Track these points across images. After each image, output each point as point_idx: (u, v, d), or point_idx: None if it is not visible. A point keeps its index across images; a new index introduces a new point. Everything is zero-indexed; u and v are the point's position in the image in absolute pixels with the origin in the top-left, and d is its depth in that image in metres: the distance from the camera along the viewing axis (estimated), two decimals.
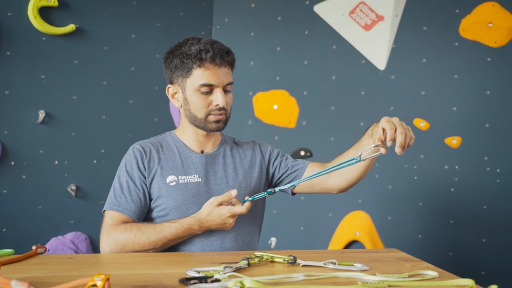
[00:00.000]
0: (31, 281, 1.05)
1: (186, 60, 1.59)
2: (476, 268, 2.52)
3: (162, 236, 1.51)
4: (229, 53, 1.61)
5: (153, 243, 1.50)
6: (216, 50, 1.57)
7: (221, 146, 1.74)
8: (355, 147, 1.64)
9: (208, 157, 1.69)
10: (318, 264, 1.28)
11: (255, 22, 2.82)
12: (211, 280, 1.09)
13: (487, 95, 2.53)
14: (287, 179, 1.78)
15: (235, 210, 1.47)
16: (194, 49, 1.58)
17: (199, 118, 1.63)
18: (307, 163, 1.78)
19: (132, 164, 1.63)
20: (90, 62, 2.57)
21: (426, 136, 2.60)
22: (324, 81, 2.74)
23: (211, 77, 1.58)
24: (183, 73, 1.61)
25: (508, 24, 2.47)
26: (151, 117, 2.73)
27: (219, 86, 1.59)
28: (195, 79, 1.59)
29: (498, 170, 2.52)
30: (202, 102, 1.60)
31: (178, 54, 1.62)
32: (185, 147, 1.69)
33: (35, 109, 2.45)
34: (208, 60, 1.57)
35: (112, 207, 1.60)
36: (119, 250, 1.51)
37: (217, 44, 1.60)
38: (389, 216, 2.65)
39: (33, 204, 2.47)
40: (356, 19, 2.67)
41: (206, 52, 1.57)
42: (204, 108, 1.61)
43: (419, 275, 1.22)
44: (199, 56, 1.57)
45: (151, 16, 2.72)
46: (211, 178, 1.66)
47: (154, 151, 1.66)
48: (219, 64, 1.58)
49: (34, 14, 2.39)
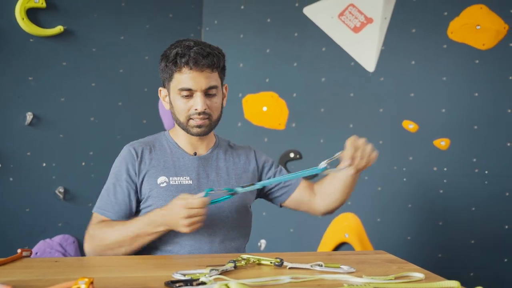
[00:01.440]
0: (15, 284, 1.04)
1: (168, 64, 1.59)
2: (464, 269, 2.53)
3: (130, 231, 1.49)
4: (207, 57, 1.56)
5: (124, 237, 1.49)
6: (192, 54, 1.54)
7: (215, 149, 1.72)
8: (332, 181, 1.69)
9: (201, 159, 1.68)
10: (305, 266, 1.28)
11: (245, 24, 2.81)
12: (196, 283, 1.09)
13: (475, 97, 2.54)
14: (278, 192, 1.78)
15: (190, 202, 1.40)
16: (173, 53, 1.57)
17: (181, 121, 1.62)
18: (299, 180, 1.79)
19: (121, 166, 1.64)
20: (79, 63, 2.56)
21: (415, 138, 2.60)
22: (313, 83, 2.74)
23: (189, 81, 1.56)
24: (167, 76, 1.62)
25: (496, 27, 2.48)
26: (140, 119, 2.72)
27: (197, 90, 1.57)
28: (175, 83, 1.59)
29: (487, 171, 2.53)
30: (182, 106, 1.59)
31: (164, 58, 1.62)
32: (178, 148, 1.68)
33: (23, 111, 2.44)
34: (183, 65, 1.55)
35: (97, 210, 1.62)
36: (97, 248, 1.53)
37: (196, 48, 1.56)
38: (378, 218, 2.66)
39: (21, 206, 2.45)
40: (345, 21, 2.68)
41: (182, 56, 1.55)
42: (185, 112, 1.60)
43: (405, 277, 1.22)
44: (175, 61, 1.57)
45: (140, 18, 2.71)
46: (202, 180, 1.65)
47: (147, 151, 1.65)
48: (195, 69, 1.55)
49: (21, 15, 2.37)
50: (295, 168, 2.74)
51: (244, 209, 1.72)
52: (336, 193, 1.68)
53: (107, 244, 1.51)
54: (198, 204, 1.40)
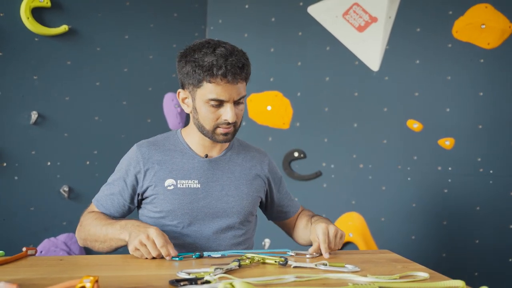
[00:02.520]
0: (20, 283, 1.04)
1: (197, 70, 1.50)
2: (469, 269, 2.53)
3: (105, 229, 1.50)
4: (243, 68, 1.51)
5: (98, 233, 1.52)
6: (229, 67, 1.47)
7: (228, 151, 1.69)
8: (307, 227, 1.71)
9: (212, 162, 1.64)
10: (310, 265, 1.28)
11: (249, 23, 2.81)
12: (201, 282, 1.09)
13: (480, 97, 2.53)
14: (274, 214, 1.83)
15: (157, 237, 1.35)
16: (207, 62, 1.48)
17: (207, 129, 1.57)
18: (297, 209, 1.85)
19: (125, 166, 1.64)
20: (83, 63, 2.56)
21: (419, 138, 2.60)
22: (317, 83, 2.74)
23: (222, 92, 1.50)
24: (194, 82, 1.53)
25: (501, 26, 2.47)
26: (144, 118, 2.72)
27: (229, 101, 1.52)
28: (205, 92, 1.51)
29: (491, 171, 2.52)
30: (211, 115, 1.54)
31: (191, 61, 1.52)
32: (189, 149, 1.65)
33: (28, 110, 2.44)
34: (219, 77, 1.48)
35: (94, 201, 1.68)
36: (81, 235, 1.59)
37: (231, 59, 1.49)
38: (383, 218, 2.65)
39: (26, 205, 2.46)
40: (349, 21, 2.68)
41: (218, 68, 1.47)
42: (213, 121, 1.55)
43: (410, 276, 1.22)
44: (210, 72, 1.48)
45: (145, 17, 2.71)
46: (212, 184, 1.62)
47: (156, 151, 1.63)
48: (231, 81, 1.49)
49: (26, 14, 2.38)
50: (299, 168, 2.74)
51: (255, 217, 1.75)
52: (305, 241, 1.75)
53: (86, 235, 1.56)
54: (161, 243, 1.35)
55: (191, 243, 1.58)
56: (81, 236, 1.59)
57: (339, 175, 2.71)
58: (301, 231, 1.74)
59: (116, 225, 1.48)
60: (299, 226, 1.76)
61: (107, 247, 1.51)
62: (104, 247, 1.52)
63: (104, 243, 1.51)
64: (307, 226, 1.68)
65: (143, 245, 1.35)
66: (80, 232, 1.60)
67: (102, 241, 1.51)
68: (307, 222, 1.70)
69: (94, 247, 1.55)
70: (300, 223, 1.76)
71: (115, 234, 1.46)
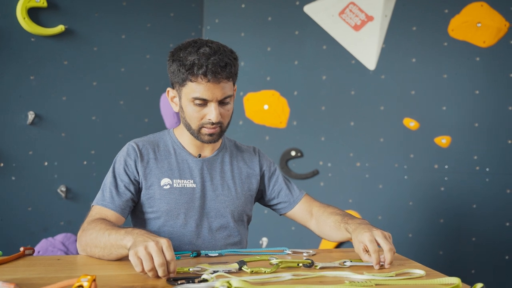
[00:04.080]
0: (18, 282, 1.04)
1: (181, 69, 1.50)
2: (465, 266, 2.54)
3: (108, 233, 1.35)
4: (225, 68, 1.49)
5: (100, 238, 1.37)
6: (210, 66, 1.46)
7: (220, 151, 1.69)
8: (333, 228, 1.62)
9: (206, 162, 1.64)
10: (334, 264, 1.28)
11: (246, 22, 2.82)
12: (198, 280, 1.09)
13: (476, 95, 2.54)
14: (277, 206, 1.76)
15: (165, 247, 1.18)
16: (189, 61, 1.48)
17: (192, 128, 1.57)
18: (301, 197, 1.75)
19: (122, 163, 1.60)
20: (80, 63, 2.56)
21: (416, 136, 2.61)
22: (314, 81, 2.74)
23: (204, 92, 1.49)
24: (179, 81, 1.53)
25: (496, 24, 2.48)
26: (142, 118, 2.72)
27: (213, 101, 1.51)
28: (189, 91, 1.51)
29: (488, 169, 2.54)
30: (195, 114, 1.53)
31: (176, 60, 1.53)
32: (183, 149, 1.64)
33: (25, 110, 2.44)
34: (200, 76, 1.47)
35: (98, 202, 1.56)
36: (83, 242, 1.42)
37: (213, 58, 1.48)
38: (380, 216, 2.66)
39: (23, 205, 2.46)
40: (346, 20, 2.68)
41: (199, 67, 1.47)
42: (198, 121, 1.54)
43: (406, 273, 1.23)
44: (191, 71, 1.48)
45: (141, 16, 2.71)
46: (207, 184, 1.62)
47: (150, 151, 1.62)
48: (212, 81, 1.48)
49: (23, 15, 2.37)
50: (296, 167, 2.74)
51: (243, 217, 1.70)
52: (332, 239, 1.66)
53: (87, 240, 1.41)
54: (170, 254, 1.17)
55: (187, 243, 1.58)
56: (81, 243, 1.45)
57: (336, 173, 2.72)
58: (331, 231, 1.64)
59: (121, 230, 1.33)
60: (326, 223, 1.65)
61: (107, 255, 1.37)
62: (104, 254, 1.37)
63: (104, 250, 1.36)
64: (339, 228, 1.59)
65: (148, 253, 1.16)
66: (81, 238, 1.45)
67: (102, 247, 1.37)
68: (336, 223, 1.61)
69: (94, 255, 1.40)
70: (327, 221, 1.66)
71: (118, 239, 1.31)
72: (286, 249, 1.46)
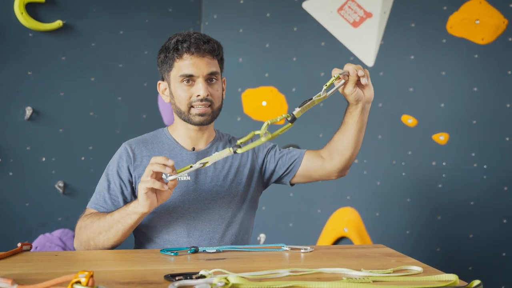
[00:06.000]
0: (15, 278, 1.04)
1: (168, 54, 1.60)
2: (463, 263, 2.54)
3: (109, 215, 1.46)
4: (208, 42, 1.59)
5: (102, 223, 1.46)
6: (192, 40, 1.56)
7: (214, 143, 1.71)
8: (339, 129, 1.66)
9: (200, 155, 1.66)
10: None
11: (244, 18, 2.81)
12: (196, 276, 1.09)
13: (474, 92, 2.54)
14: (284, 173, 1.75)
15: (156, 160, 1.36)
16: (173, 42, 1.59)
17: (183, 111, 1.61)
18: (303, 153, 1.74)
19: (115, 164, 1.63)
20: (78, 58, 2.56)
21: (414, 133, 2.61)
22: (312, 78, 2.74)
23: (190, 67, 1.57)
24: (167, 67, 1.62)
25: (495, 21, 2.48)
26: (140, 114, 2.72)
27: (199, 76, 1.57)
28: (176, 71, 1.59)
29: (485, 166, 2.54)
30: (184, 93, 1.58)
31: (163, 50, 1.63)
32: (176, 144, 1.67)
33: (22, 106, 2.44)
34: (185, 51, 1.56)
35: (90, 204, 1.61)
36: (83, 238, 1.49)
37: (196, 34, 1.59)
38: (377, 213, 2.66)
39: (21, 201, 2.46)
40: (344, 16, 2.68)
41: (182, 42, 1.57)
42: (186, 100, 1.58)
43: (404, 270, 1.23)
44: (176, 47, 1.57)
45: (140, 12, 2.70)
46: (201, 176, 1.64)
47: (144, 148, 1.65)
48: (197, 54, 1.57)
49: (20, 10, 2.37)
50: None
51: (251, 205, 1.73)
52: (350, 142, 1.64)
53: (88, 234, 1.48)
54: (161, 159, 1.36)
55: (185, 236, 1.59)
56: (82, 239, 1.50)
57: None
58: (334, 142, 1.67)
59: (121, 208, 1.47)
60: (330, 143, 1.69)
61: (113, 235, 1.44)
62: (109, 237, 1.45)
63: (109, 231, 1.44)
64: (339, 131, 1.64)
65: (151, 172, 1.35)
66: (81, 235, 1.51)
67: (107, 230, 1.44)
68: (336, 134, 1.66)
69: (98, 243, 1.47)
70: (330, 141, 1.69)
71: (122, 213, 1.43)
72: (284, 246, 1.46)
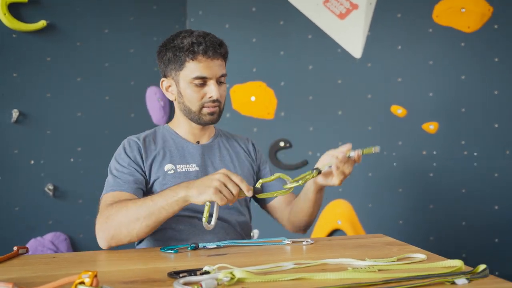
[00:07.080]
0: (15, 282, 1.02)
1: (179, 53, 1.58)
2: (456, 250, 2.56)
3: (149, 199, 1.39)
4: (221, 45, 1.61)
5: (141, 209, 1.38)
6: (208, 43, 1.56)
7: (216, 138, 1.74)
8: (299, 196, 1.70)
9: (205, 148, 1.69)
10: None
11: (230, 14, 2.79)
12: (200, 273, 1.08)
13: (462, 80, 2.56)
14: None
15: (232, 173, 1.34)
16: (187, 42, 1.57)
17: (193, 111, 1.62)
18: None
19: (124, 156, 1.59)
20: (63, 58, 2.52)
21: (403, 123, 2.62)
22: (301, 71, 2.73)
23: (204, 69, 1.57)
24: (176, 66, 1.60)
25: (480, 9, 2.50)
26: (128, 113, 2.69)
27: (212, 78, 1.58)
28: (188, 72, 1.58)
29: (475, 153, 2.56)
30: (195, 94, 1.59)
31: (171, 48, 1.60)
32: (181, 138, 1.68)
33: (8, 109, 2.39)
34: (201, 53, 1.56)
35: (107, 189, 1.53)
36: (111, 228, 1.39)
37: (209, 37, 1.59)
38: (370, 204, 2.67)
39: (10, 205, 2.41)
40: (330, 8, 2.67)
41: (199, 44, 1.56)
42: (198, 101, 1.60)
43: (408, 258, 1.23)
44: (192, 49, 1.56)
45: (124, 10, 2.67)
46: (209, 168, 1.66)
47: (150, 141, 1.65)
48: (212, 57, 1.57)
49: (3, 10, 2.32)
50: (285, 157, 2.74)
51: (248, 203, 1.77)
52: (305, 207, 1.67)
53: (119, 223, 1.39)
54: (238, 179, 1.33)
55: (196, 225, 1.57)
56: (110, 230, 1.40)
57: None
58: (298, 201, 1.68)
59: (164, 192, 1.38)
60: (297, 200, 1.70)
61: (153, 221, 1.38)
62: (148, 224, 1.37)
63: (149, 218, 1.37)
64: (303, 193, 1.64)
65: (223, 185, 1.31)
66: (109, 225, 1.40)
67: (147, 216, 1.37)
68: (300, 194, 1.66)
69: (133, 231, 1.38)
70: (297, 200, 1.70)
71: (169, 199, 1.36)
72: (285, 239, 1.45)
